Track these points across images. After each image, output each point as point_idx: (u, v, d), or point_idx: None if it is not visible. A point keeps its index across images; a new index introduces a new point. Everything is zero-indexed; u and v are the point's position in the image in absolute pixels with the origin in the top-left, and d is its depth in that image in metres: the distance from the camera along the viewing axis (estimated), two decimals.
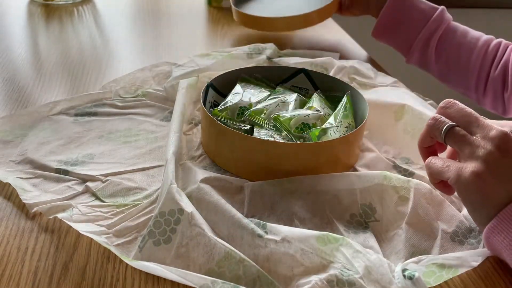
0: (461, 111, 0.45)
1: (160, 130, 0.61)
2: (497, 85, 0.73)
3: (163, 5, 1.12)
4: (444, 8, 0.78)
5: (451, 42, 0.75)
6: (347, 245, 0.42)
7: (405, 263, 0.40)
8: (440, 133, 0.44)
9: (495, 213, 0.40)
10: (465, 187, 0.41)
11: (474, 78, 0.76)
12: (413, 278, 0.39)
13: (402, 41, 0.80)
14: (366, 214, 0.48)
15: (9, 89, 0.69)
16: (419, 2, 0.78)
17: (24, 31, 0.93)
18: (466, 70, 0.76)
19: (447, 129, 0.44)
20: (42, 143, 0.56)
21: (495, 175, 0.40)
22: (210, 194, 0.46)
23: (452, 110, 0.45)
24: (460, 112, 0.45)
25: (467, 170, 0.41)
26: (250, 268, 0.40)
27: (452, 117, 0.45)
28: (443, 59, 0.77)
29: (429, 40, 0.77)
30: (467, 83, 0.77)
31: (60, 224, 0.45)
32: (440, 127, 0.45)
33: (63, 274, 0.40)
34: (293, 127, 0.54)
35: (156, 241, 0.42)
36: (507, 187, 0.40)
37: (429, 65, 0.80)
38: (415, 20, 0.77)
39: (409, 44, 0.79)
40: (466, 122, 0.44)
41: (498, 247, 0.40)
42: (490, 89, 0.75)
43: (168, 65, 0.75)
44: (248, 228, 0.43)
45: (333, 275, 0.39)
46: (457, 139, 0.43)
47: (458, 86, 0.80)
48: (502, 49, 0.75)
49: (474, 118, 0.44)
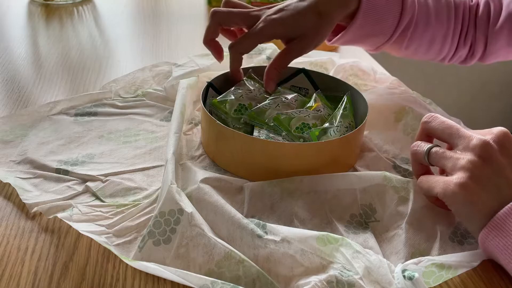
0: (442, 124, 0.46)
1: (160, 130, 0.61)
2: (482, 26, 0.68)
3: (163, 5, 1.12)
4: None
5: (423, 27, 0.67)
6: (347, 246, 0.42)
7: (405, 264, 0.40)
8: (423, 157, 0.46)
9: (486, 221, 0.40)
10: (452, 200, 0.42)
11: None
12: (413, 278, 0.39)
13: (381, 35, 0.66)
14: (366, 214, 0.48)
15: (9, 89, 0.69)
16: None
17: (24, 31, 0.93)
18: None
19: (427, 152, 0.46)
20: (42, 143, 0.56)
21: (480, 183, 0.41)
22: (210, 195, 0.46)
23: (434, 123, 0.47)
24: (441, 125, 0.46)
25: (451, 183, 0.41)
26: (250, 269, 0.40)
27: (435, 129, 0.47)
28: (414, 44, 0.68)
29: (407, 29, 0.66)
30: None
31: (60, 224, 0.45)
32: (421, 152, 0.46)
33: (63, 274, 0.40)
34: (293, 127, 0.54)
35: (155, 241, 0.42)
36: (493, 194, 0.40)
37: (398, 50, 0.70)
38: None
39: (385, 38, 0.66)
40: (447, 135, 0.45)
41: (494, 251, 0.40)
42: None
43: (168, 65, 0.74)
44: (248, 229, 0.43)
45: (333, 276, 0.39)
46: (438, 157, 0.45)
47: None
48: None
49: (455, 129, 0.45)
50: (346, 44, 0.66)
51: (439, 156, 0.45)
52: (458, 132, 0.44)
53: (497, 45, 0.66)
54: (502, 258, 0.40)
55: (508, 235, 0.39)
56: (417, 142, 0.48)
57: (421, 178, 0.47)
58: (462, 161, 0.42)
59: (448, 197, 0.42)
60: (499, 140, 0.42)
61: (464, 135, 0.44)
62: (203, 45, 0.63)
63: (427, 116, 0.48)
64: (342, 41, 0.64)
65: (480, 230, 0.41)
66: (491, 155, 0.41)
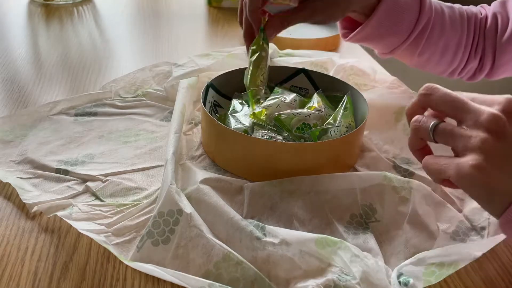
0: (445, 97, 0.41)
1: (160, 130, 0.61)
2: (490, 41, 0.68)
3: (163, 5, 1.12)
4: None
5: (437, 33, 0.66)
6: (345, 249, 0.41)
7: (401, 265, 0.40)
8: (428, 134, 0.41)
9: (507, 203, 0.37)
10: (469, 183, 0.38)
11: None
12: (408, 284, 0.38)
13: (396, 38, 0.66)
14: (366, 214, 0.48)
15: (9, 89, 0.69)
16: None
17: (24, 31, 0.93)
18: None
19: (432, 128, 0.41)
20: (42, 143, 0.56)
21: (496, 164, 0.37)
22: (209, 195, 0.46)
23: (435, 97, 0.41)
24: (444, 99, 0.41)
25: (466, 165, 0.38)
26: (248, 271, 0.40)
27: (437, 103, 0.41)
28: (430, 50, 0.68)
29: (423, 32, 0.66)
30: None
31: (60, 224, 0.45)
32: (425, 128, 0.41)
33: (63, 274, 0.40)
34: (293, 127, 0.54)
35: (154, 241, 0.42)
36: (511, 173, 0.37)
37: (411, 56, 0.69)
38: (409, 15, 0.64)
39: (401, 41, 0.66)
40: (453, 109, 0.40)
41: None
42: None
43: (168, 65, 0.74)
44: (247, 230, 0.43)
45: (331, 280, 0.39)
46: (447, 135, 0.40)
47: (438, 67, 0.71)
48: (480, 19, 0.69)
49: (461, 103, 0.40)
50: (361, 42, 0.65)
51: (448, 134, 0.40)
52: (465, 105, 0.40)
53: (505, 58, 0.66)
54: None
55: None
56: (419, 116, 0.43)
57: (428, 160, 0.42)
58: (475, 140, 0.38)
59: (463, 181, 0.38)
60: (508, 109, 0.38)
61: (472, 109, 0.39)
62: (203, 45, 0.63)
63: (425, 88, 0.42)
64: (359, 37, 0.63)
65: (502, 212, 0.37)
66: (504, 129, 0.37)
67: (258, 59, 0.60)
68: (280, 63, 0.74)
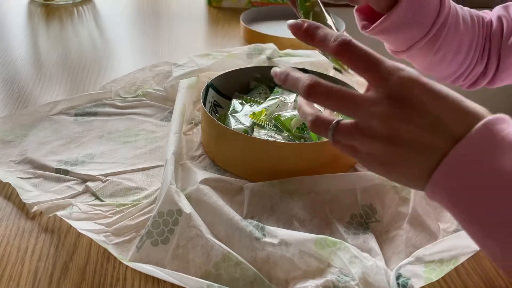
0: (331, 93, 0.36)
1: (160, 130, 0.61)
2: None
3: (163, 5, 1.12)
4: None
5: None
6: (344, 249, 0.41)
7: (400, 265, 0.40)
8: (329, 137, 0.38)
9: (425, 182, 0.34)
10: (382, 174, 0.36)
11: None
12: (406, 286, 0.38)
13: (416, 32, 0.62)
14: (366, 214, 0.48)
15: (9, 89, 0.69)
16: None
17: (24, 31, 0.93)
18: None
19: (333, 129, 0.37)
20: (42, 143, 0.56)
21: (405, 152, 0.34)
22: (209, 196, 0.46)
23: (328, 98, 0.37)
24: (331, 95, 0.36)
25: (374, 163, 0.36)
26: (247, 271, 0.40)
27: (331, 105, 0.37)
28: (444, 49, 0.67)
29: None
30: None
31: (60, 224, 0.45)
32: (325, 131, 0.38)
33: (63, 274, 0.40)
34: (294, 127, 0.54)
35: (154, 241, 0.42)
36: (421, 153, 0.34)
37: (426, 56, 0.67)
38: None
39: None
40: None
41: (441, 202, 0.34)
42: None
43: (168, 65, 0.74)
44: (246, 231, 0.42)
45: (330, 281, 0.39)
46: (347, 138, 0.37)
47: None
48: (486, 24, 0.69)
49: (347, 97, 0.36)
50: (382, 34, 0.63)
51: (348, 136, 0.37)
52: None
53: (509, 61, 0.66)
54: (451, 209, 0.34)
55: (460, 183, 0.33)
56: (315, 118, 0.38)
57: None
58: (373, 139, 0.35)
59: (375, 172, 0.37)
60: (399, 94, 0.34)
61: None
62: (203, 45, 0.62)
63: (309, 80, 0.37)
64: (382, 27, 0.61)
65: (422, 188, 0.35)
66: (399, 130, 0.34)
67: (315, 17, 0.51)
68: (280, 63, 0.74)
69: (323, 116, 0.38)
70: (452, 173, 0.32)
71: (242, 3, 1.11)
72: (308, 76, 0.37)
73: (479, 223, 0.32)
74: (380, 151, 0.35)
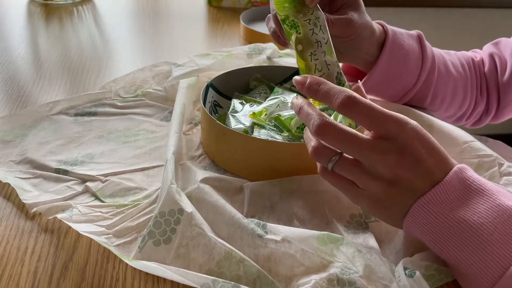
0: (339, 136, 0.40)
1: (160, 130, 0.61)
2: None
3: (163, 5, 1.12)
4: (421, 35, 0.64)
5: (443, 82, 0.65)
6: (347, 245, 0.42)
7: (405, 260, 0.40)
8: (328, 164, 0.42)
9: (402, 218, 0.40)
10: (368, 207, 0.41)
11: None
12: (413, 276, 0.39)
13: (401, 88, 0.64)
14: (366, 214, 0.48)
15: (9, 89, 0.69)
16: (405, 38, 0.62)
17: (24, 31, 0.93)
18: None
19: (332, 165, 0.41)
20: (42, 143, 0.56)
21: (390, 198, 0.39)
22: (210, 194, 0.46)
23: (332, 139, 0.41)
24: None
25: (364, 198, 0.40)
26: (250, 268, 0.40)
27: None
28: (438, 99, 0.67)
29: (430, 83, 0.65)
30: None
31: (60, 224, 0.45)
32: (326, 161, 0.41)
33: (63, 274, 0.40)
34: (294, 127, 0.54)
35: (156, 241, 0.42)
36: (408, 193, 0.39)
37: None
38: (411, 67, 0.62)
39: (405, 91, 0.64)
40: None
41: (417, 236, 0.40)
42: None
43: (168, 65, 0.74)
44: (248, 228, 0.43)
45: (334, 275, 0.39)
46: (344, 171, 0.41)
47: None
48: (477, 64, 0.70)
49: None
50: (371, 91, 0.63)
51: (346, 170, 0.41)
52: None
53: (509, 97, 0.67)
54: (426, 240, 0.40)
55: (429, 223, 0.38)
56: (318, 146, 0.42)
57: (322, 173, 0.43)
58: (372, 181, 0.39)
59: (364, 207, 0.42)
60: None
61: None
62: (203, 45, 0.62)
63: (320, 124, 0.40)
64: (370, 84, 0.61)
65: (400, 224, 0.41)
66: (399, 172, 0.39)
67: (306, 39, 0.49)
68: (280, 63, 0.74)
69: (325, 147, 0.42)
70: (428, 208, 0.38)
71: (242, 3, 1.11)
72: (319, 115, 0.41)
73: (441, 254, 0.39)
74: (377, 190, 0.39)
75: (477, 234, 0.36)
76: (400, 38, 0.61)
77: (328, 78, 0.49)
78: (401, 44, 0.60)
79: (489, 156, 0.54)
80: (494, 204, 0.37)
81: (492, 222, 0.36)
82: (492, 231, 0.36)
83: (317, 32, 0.49)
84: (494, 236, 0.36)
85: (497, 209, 0.37)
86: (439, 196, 0.38)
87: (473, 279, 0.36)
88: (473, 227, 0.36)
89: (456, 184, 0.38)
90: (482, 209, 0.37)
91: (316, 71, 0.49)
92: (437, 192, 0.38)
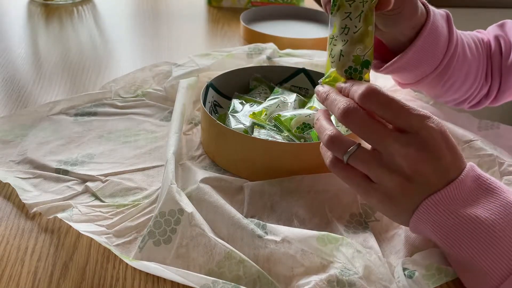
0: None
1: (160, 130, 0.61)
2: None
3: (163, 5, 1.12)
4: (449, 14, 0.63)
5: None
6: (347, 245, 0.42)
7: (404, 260, 0.40)
8: (344, 156, 0.41)
9: (410, 217, 0.40)
10: (377, 203, 0.41)
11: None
12: (413, 277, 0.39)
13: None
14: (366, 213, 0.48)
15: (9, 89, 0.69)
16: (439, 20, 0.60)
17: (24, 31, 0.93)
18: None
19: (349, 155, 0.41)
20: (42, 143, 0.56)
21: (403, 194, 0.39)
22: (210, 194, 0.46)
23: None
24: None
25: (375, 192, 0.40)
26: (250, 269, 0.40)
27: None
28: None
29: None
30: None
31: (60, 224, 0.45)
32: (342, 151, 0.41)
33: (63, 274, 0.40)
34: (294, 127, 0.54)
35: (156, 241, 0.42)
36: (422, 188, 0.39)
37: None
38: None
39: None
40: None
41: (424, 233, 0.41)
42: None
43: (168, 65, 0.74)
44: (248, 229, 0.43)
45: (333, 275, 0.39)
46: (360, 162, 0.41)
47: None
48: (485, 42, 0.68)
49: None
50: (394, 73, 0.61)
51: (361, 161, 0.41)
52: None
53: (510, 81, 0.66)
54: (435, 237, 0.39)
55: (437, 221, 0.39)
56: (335, 134, 0.42)
57: (332, 167, 0.43)
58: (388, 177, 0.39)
59: (372, 204, 0.42)
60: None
61: None
62: (203, 45, 0.62)
63: (345, 108, 0.40)
64: (395, 67, 0.59)
65: (407, 223, 0.41)
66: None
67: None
68: (280, 63, 0.74)
69: (343, 137, 0.42)
70: (440, 205, 0.38)
71: (242, 3, 1.11)
72: (348, 99, 0.41)
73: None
74: (391, 184, 0.39)
75: (489, 231, 0.36)
76: (437, 24, 0.58)
77: (337, 68, 0.47)
78: (437, 28, 0.57)
79: (489, 156, 0.54)
80: (505, 201, 0.38)
81: (503, 219, 0.37)
82: (503, 227, 0.36)
83: (352, 18, 0.46)
84: (506, 233, 0.36)
85: (508, 206, 0.37)
86: (452, 194, 0.38)
87: (481, 276, 0.37)
88: (485, 224, 0.37)
89: (469, 182, 0.39)
90: (493, 206, 0.37)
91: (329, 56, 0.48)
92: (451, 190, 0.38)
